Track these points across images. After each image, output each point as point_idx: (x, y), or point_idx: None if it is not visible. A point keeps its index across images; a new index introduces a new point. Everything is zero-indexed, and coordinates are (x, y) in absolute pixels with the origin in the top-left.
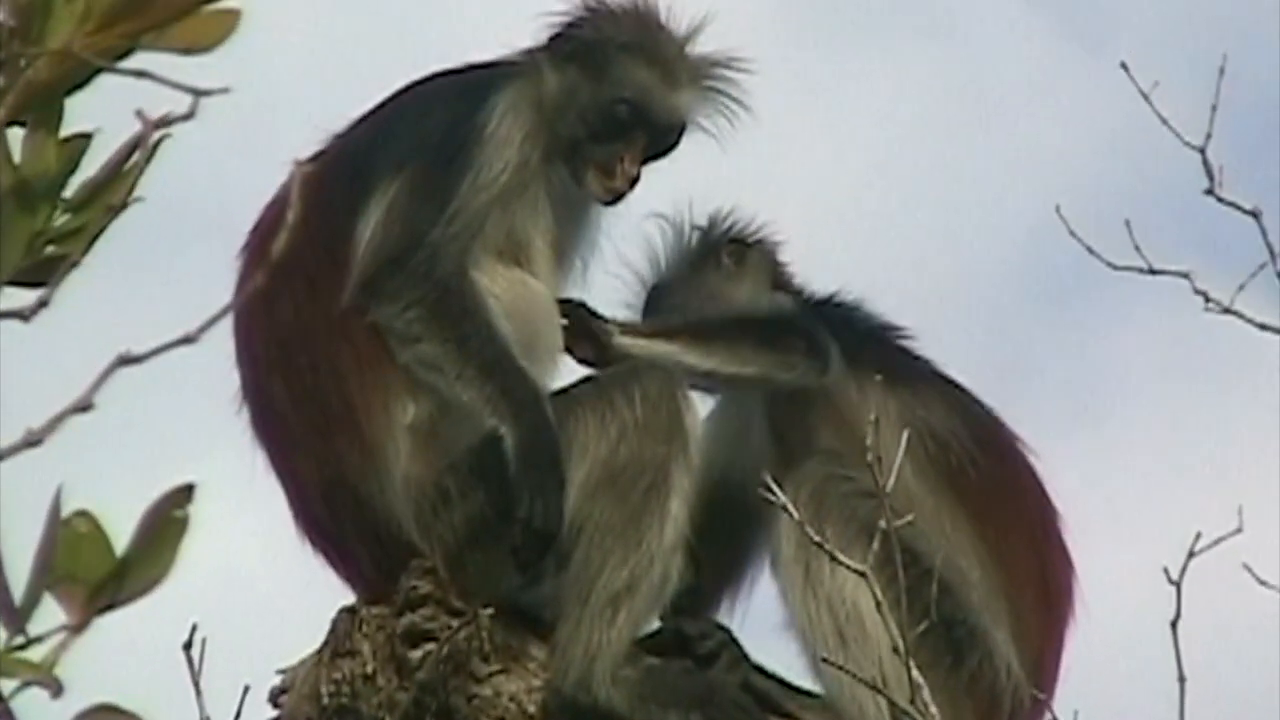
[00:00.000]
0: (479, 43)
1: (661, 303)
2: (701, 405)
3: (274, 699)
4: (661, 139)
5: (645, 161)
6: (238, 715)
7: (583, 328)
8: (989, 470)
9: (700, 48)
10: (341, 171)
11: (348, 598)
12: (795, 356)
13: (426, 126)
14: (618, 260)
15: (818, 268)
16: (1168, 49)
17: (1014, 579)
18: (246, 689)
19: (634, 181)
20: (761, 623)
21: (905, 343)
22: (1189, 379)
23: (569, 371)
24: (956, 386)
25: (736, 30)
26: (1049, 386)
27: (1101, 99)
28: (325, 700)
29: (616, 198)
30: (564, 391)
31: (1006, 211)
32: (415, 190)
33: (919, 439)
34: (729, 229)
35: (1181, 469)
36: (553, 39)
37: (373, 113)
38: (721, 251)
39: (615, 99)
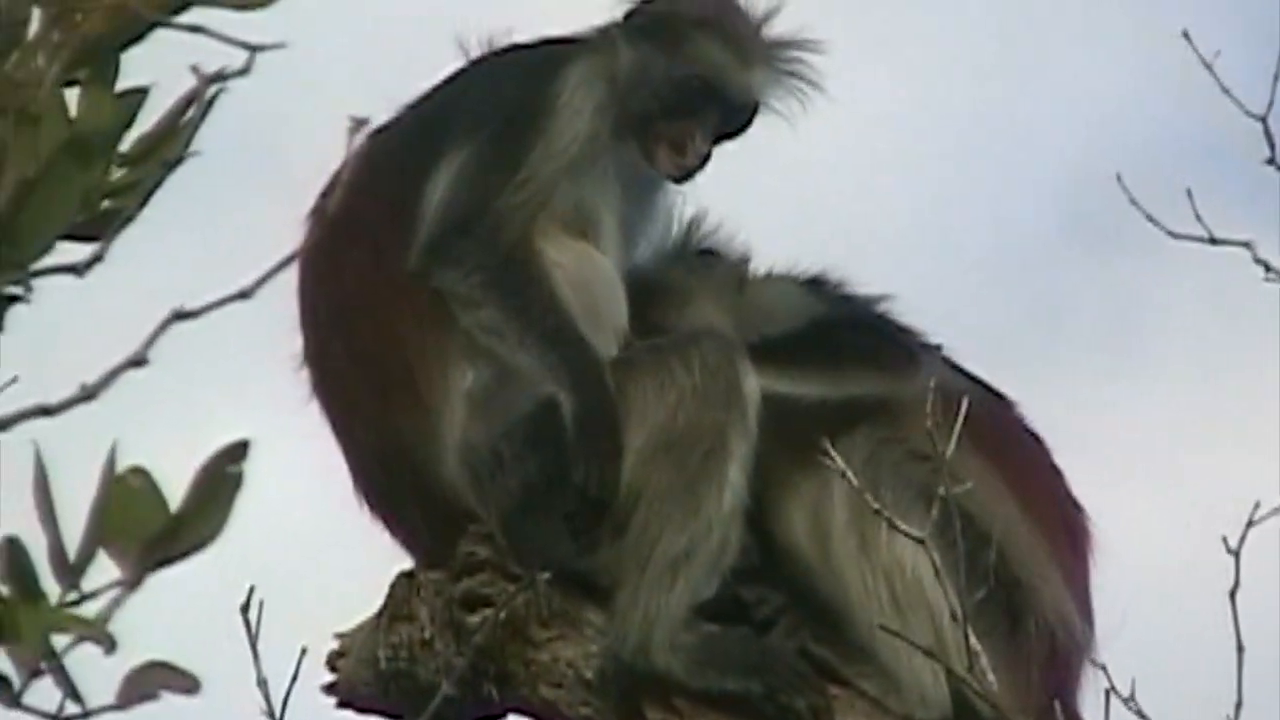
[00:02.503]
0: (540, 6)
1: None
2: None
3: (331, 662)
4: (733, 117)
5: (716, 141)
6: (294, 678)
7: None
8: (998, 417)
9: (775, 28)
10: (412, 137)
11: (405, 562)
12: (894, 367)
13: (499, 96)
14: None
15: (860, 208)
16: (1226, 13)
17: (1046, 523)
18: (304, 651)
19: (704, 159)
20: None
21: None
22: (1232, 333)
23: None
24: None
25: None
26: (1087, 334)
27: (1158, 54)
28: (382, 665)
29: (686, 175)
30: (622, 358)
31: (1049, 158)
32: (484, 157)
33: (942, 397)
34: (703, 237)
35: (1223, 423)
36: (628, 15)
37: (445, 83)
38: (693, 259)
39: (689, 75)
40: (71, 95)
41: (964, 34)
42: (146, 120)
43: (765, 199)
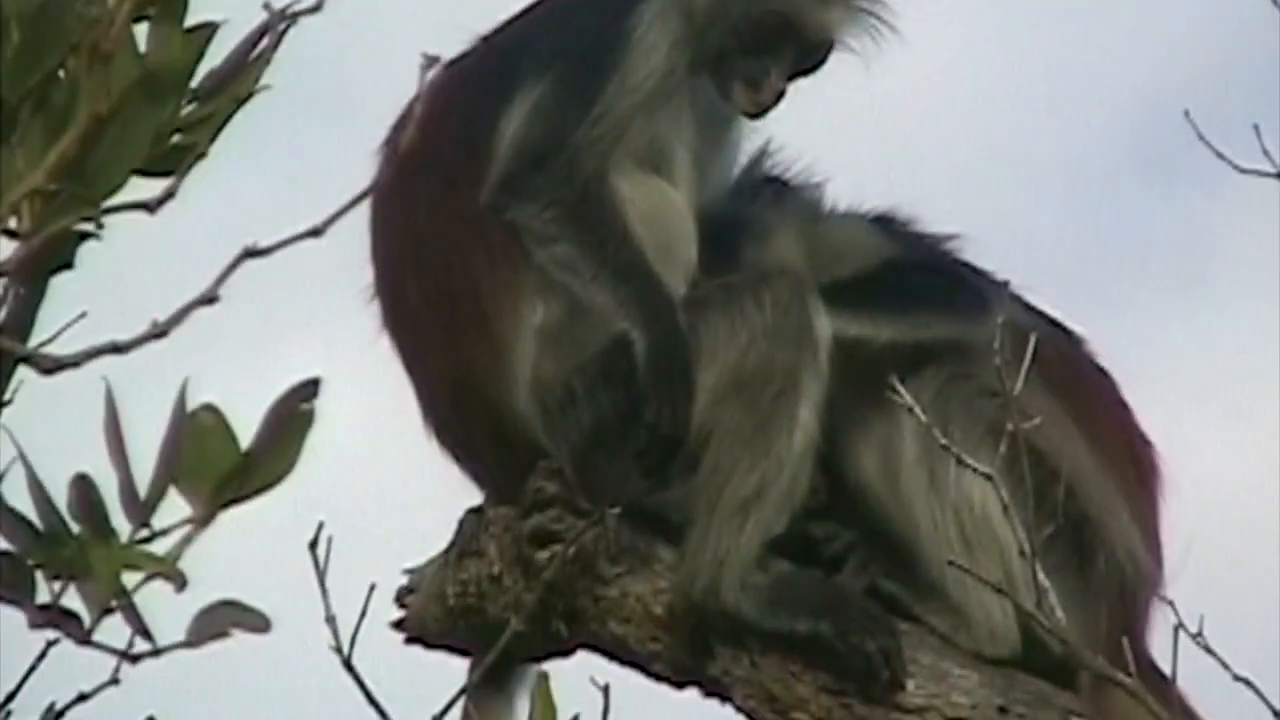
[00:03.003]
0: None
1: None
2: None
3: (400, 599)
4: (810, 55)
5: (791, 78)
6: (363, 614)
7: None
8: (1067, 354)
9: None
10: (485, 71)
11: (475, 498)
12: (966, 310)
13: (574, 30)
14: None
15: (929, 142)
16: None
17: (1114, 459)
18: (372, 587)
19: (780, 96)
20: None
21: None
22: None
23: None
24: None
25: None
26: (1156, 267)
27: None
28: (451, 601)
29: (761, 112)
30: (694, 296)
31: (1117, 92)
32: (560, 91)
33: (1011, 335)
34: (770, 165)
35: None
36: None
37: (520, 16)
38: (763, 191)
39: (765, 12)
40: (141, 32)
41: None
42: (216, 55)
43: (835, 133)
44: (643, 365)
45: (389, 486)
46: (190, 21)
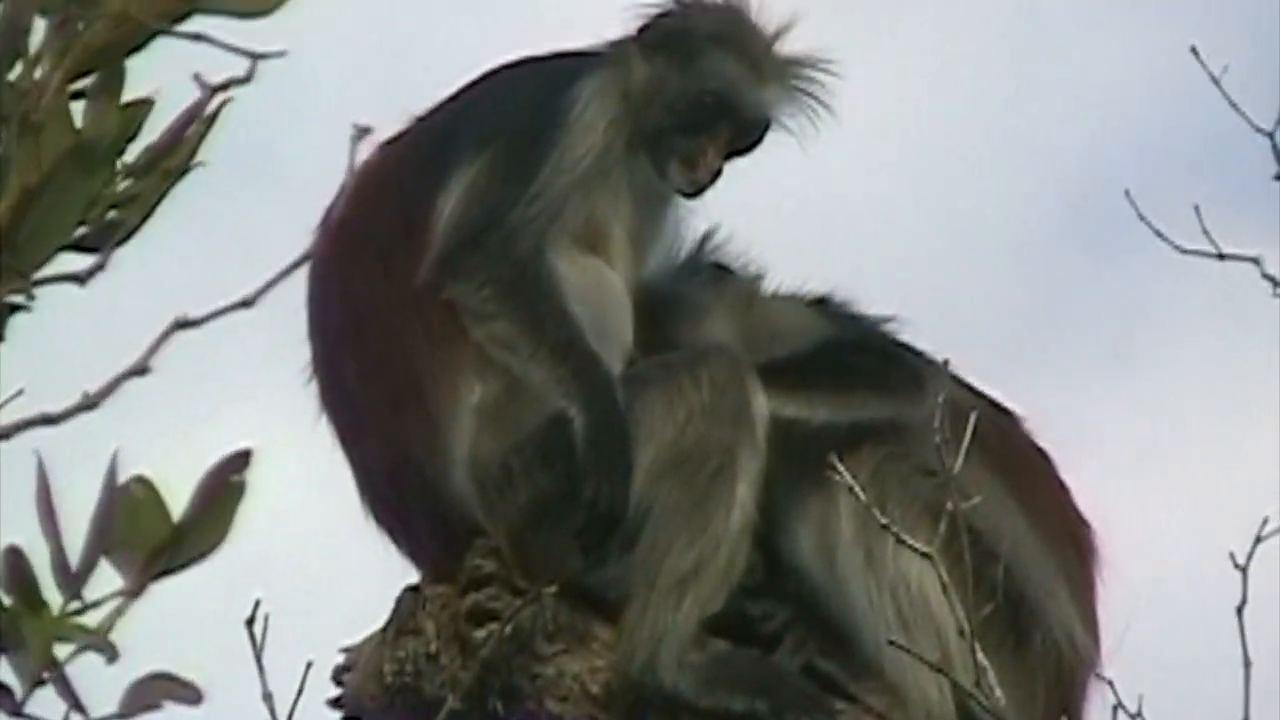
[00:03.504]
0: (545, 16)
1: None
2: None
3: (337, 677)
4: (746, 134)
5: (728, 157)
6: (299, 692)
7: None
8: (1005, 432)
9: (788, 45)
10: (423, 149)
11: (411, 576)
12: (901, 391)
13: (511, 108)
14: None
15: (865, 210)
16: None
17: (1054, 538)
18: (309, 665)
19: (716, 175)
20: None
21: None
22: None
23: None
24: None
25: None
26: (1088, 331)
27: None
28: (388, 679)
29: (698, 190)
30: (632, 374)
31: (1056, 163)
32: (497, 170)
33: (949, 412)
34: (713, 251)
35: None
36: (642, 29)
37: (457, 95)
38: (703, 274)
39: (702, 91)
40: (77, 106)
41: (969, 37)
42: (152, 131)
43: (770, 205)
44: (581, 443)
45: (325, 562)
46: (125, 95)
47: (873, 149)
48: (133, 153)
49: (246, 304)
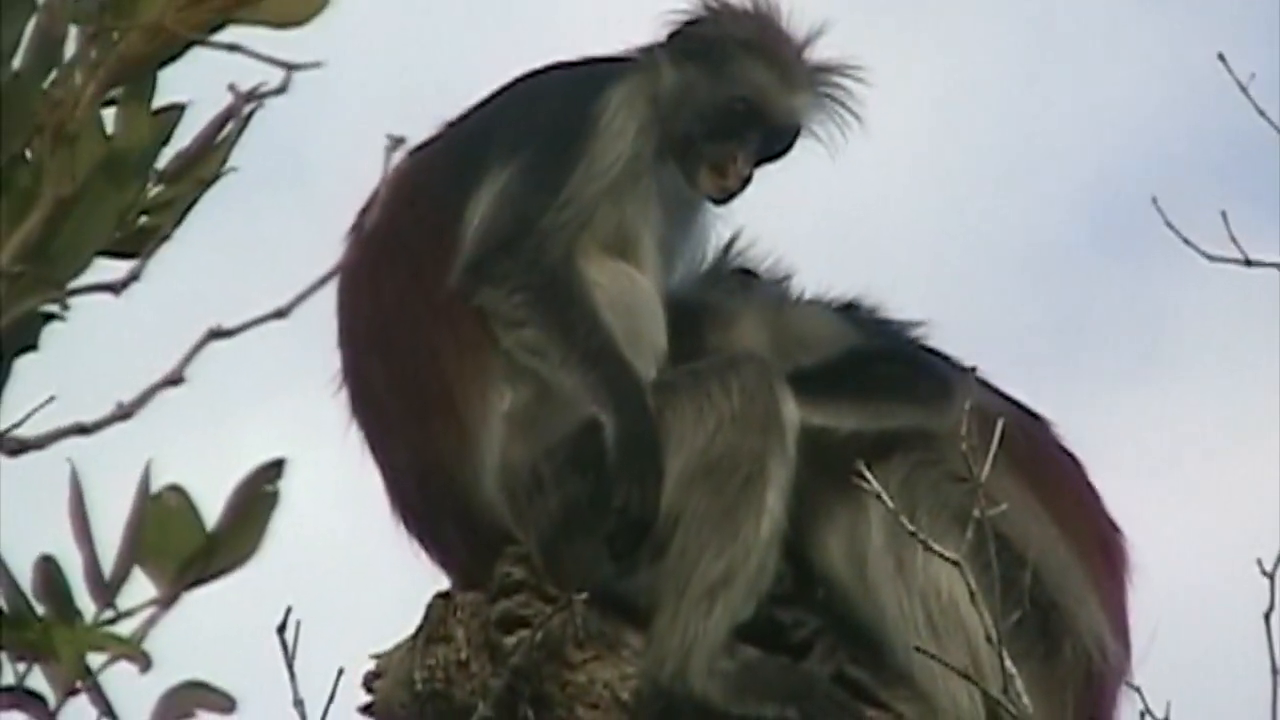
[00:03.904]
0: (573, 24)
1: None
2: None
3: (368, 684)
4: (776, 140)
5: (758, 164)
6: (331, 699)
7: None
8: (1034, 438)
9: (818, 52)
10: (453, 155)
11: (442, 583)
12: (929, 399)
13: (541, 115)
14: None
15: (892, 220)
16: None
17: (1082, 544)
18: (340, 672)
19: (746, 181)
20: None
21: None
22: (1263, 346)
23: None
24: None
25: None
26: (1112, 340)
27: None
28: (419, 686)
29: (727, 197)
30: (661, 381)
31: (1082, 172)
32: (527, 176)
33: (977, 419)
34: (739, 256)
35: (1252, 434)
36: (672, 36)
37: (486, 101)
38: (729, 279)
39: (732, 97)
40: (109, 114)
41: (990, 44)
42: (183, 137)
43: (794, 214)
44: (612, 450)
45: (356, 570)
46: (158, 103)
47: (895, 155)
48: (164, 159)
49: (280, 314)
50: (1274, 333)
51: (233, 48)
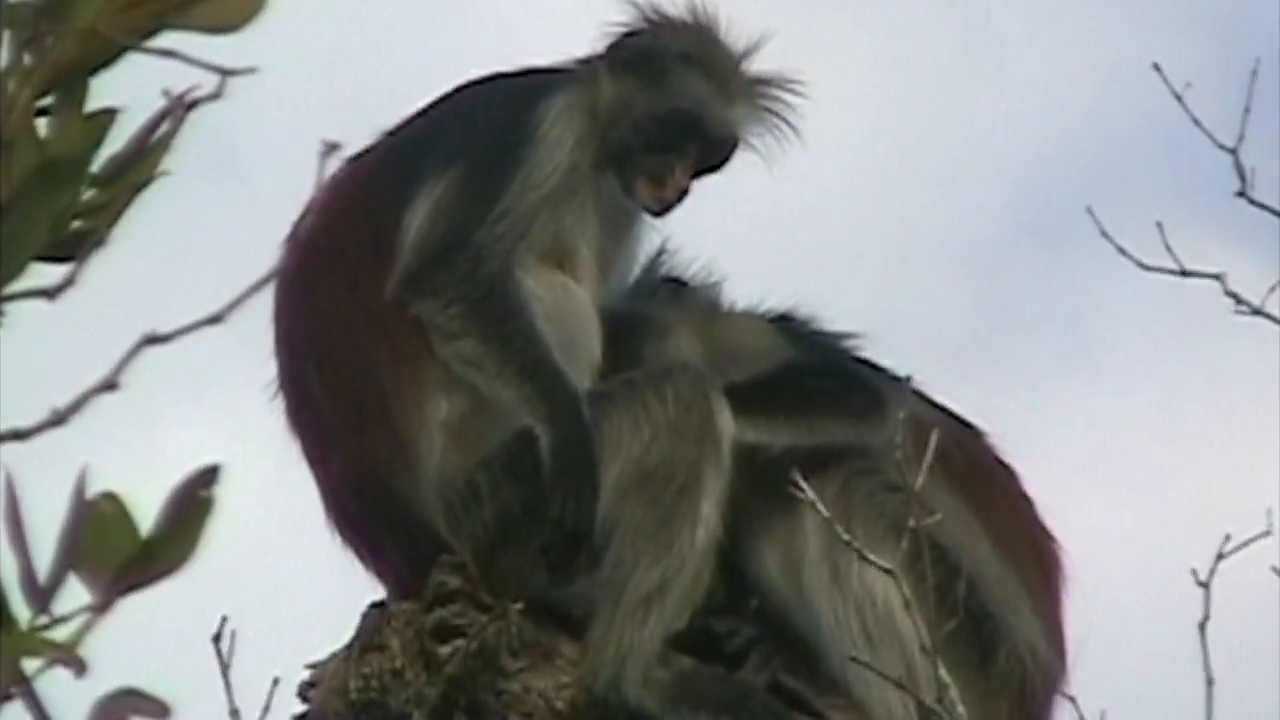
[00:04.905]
0: (503, 30)
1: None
2: None
3: (303, 693)
4: (714, 152)
5: (695, 175)
6: (266, 708)
7: None
8: (968, 448)
9: (757, 65)
10: (391, 164)
11: (377, 592)
12: (863, 413)
13: (479, 125)
14: None
15: (815, 215)
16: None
17: (1017, 553)
18: (276, 681)
19: (683, 193)
20: None
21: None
22: (1193, 345)
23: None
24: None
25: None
26: (1041, 336)
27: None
28: (354, 695)
29: (665, 209)
30: (597, 391)
31: (1007, 160)
32: (464, 187)
33: (912, 430)
34: (667, 264)
35: (1184, 431)
36: (611, 47)
37: (425, 110)
38: (659, 289)
39: (670, 109)
40: (41, 121)
41: (920, 43)
42: (117, 142)
43: (727, 218)
44: (548, 460)
45: (291, 578)
46: (90, 107)
47: (827, 156)
48: (98, 164)
49: (216, 320)
50: (1205, 333)
51: (167, 53)
